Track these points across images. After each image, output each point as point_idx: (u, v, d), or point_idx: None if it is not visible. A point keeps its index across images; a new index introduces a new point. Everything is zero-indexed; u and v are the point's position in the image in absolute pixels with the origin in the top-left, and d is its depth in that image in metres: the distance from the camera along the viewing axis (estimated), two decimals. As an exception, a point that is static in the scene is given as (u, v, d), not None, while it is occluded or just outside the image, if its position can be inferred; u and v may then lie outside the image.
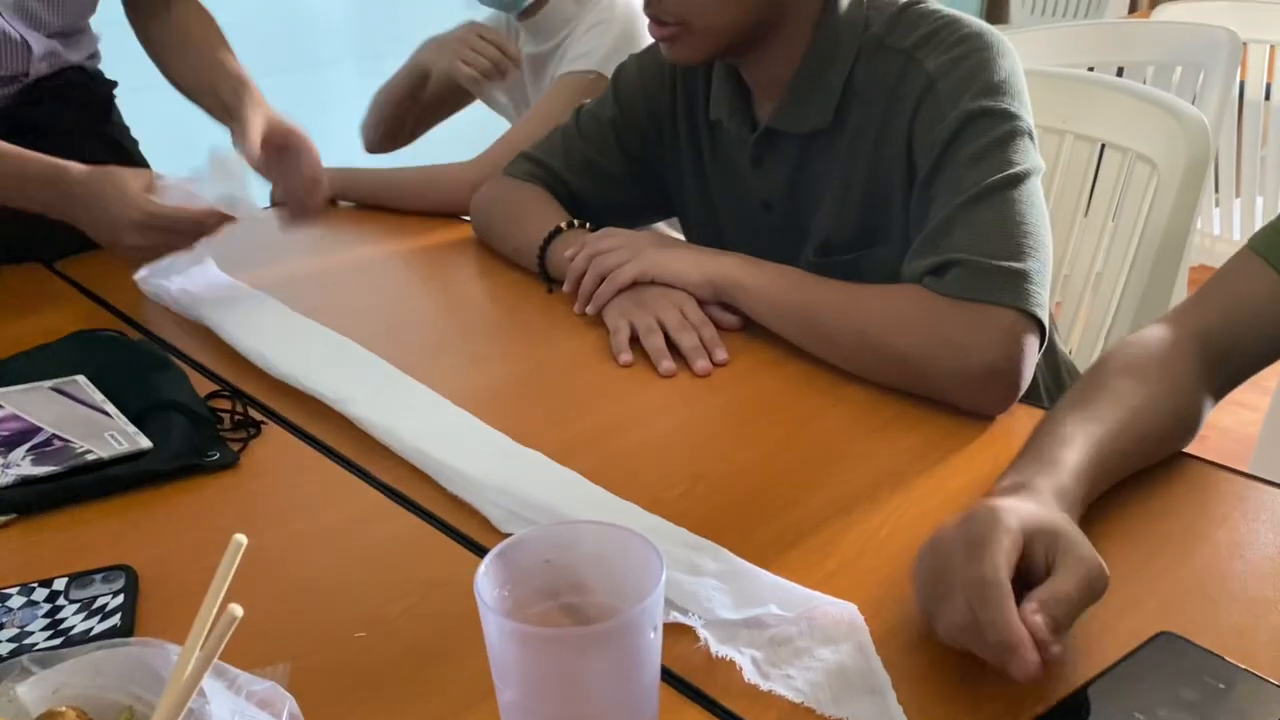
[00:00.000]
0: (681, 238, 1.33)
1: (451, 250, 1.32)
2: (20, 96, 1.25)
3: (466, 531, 0.74)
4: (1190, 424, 0.78)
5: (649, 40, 1.48)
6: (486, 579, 0.49)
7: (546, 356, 0.99)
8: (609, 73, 1.42)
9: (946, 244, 0.89)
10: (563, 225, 1.15)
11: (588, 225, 1.16)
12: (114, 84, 1.41)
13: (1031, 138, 0.93)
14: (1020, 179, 0.90)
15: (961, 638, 0.56)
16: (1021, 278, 0.86)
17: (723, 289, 1.00)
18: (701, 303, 1.01)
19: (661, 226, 1.53)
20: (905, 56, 0.96)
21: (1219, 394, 0.80)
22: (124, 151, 1.40)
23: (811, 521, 0.73)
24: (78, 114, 1.31)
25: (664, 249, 1.03)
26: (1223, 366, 0.79)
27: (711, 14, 0.97)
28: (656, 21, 1.00)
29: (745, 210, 1.14)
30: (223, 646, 0.42)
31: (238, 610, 0.41)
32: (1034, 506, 0.61)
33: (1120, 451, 0.71)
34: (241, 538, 0.43)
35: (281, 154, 1.12)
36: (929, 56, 0.95)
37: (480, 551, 0.72)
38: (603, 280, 1.03)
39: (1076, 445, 0.68)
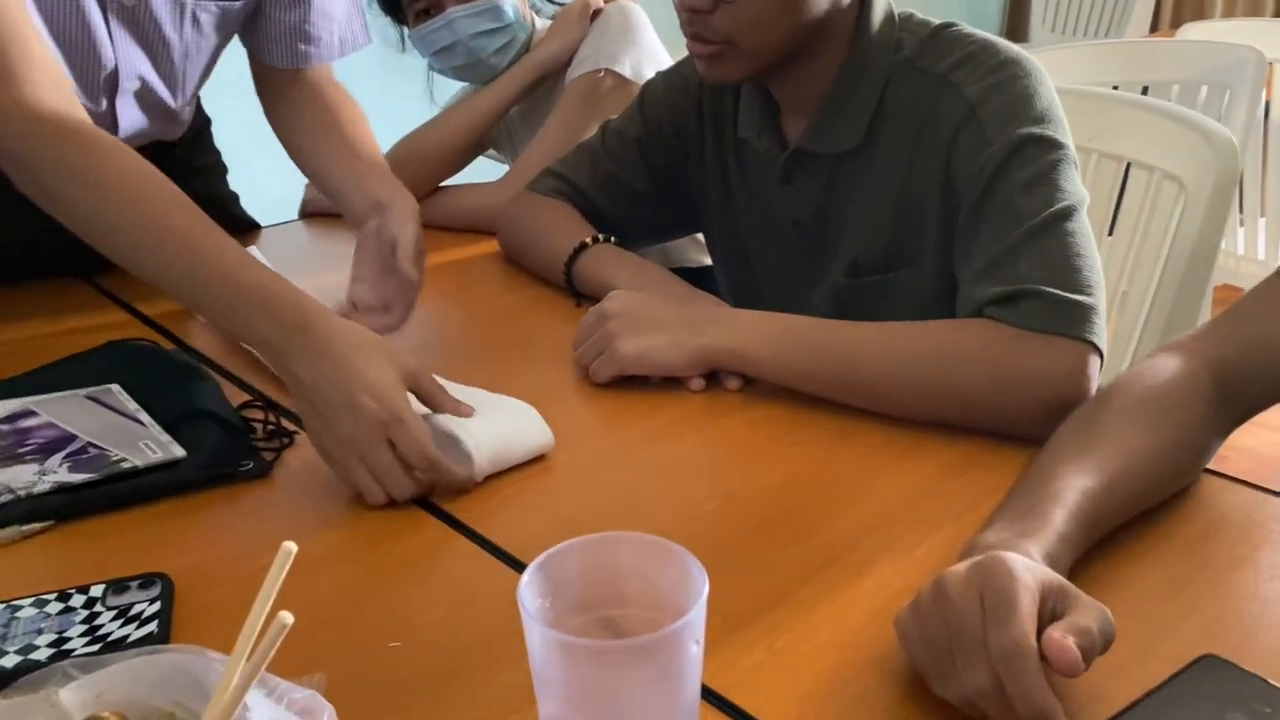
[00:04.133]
0: (708, 258, 1.33)
1: (479, 265, 1.32)
2: None
3: (499, 543, 0.74)
4: (1195, 465, 0.76)
5: (648, 28, 1.50)
6: (529, 589, 0.49)
7: (575, 370, 0.99)
8: (617, 67, 1.44)
9: (1013, 273, 0.87)
10: (588, 240, 1.16)
11: (613, 240, 1.17)
12: (203, 126, 1.40)
13: (1076, 166, 0.93)
14: (1075, 210, 0.90)
15: (984, 704, 0.54)
16: (1090, 312, 0.85)
17: (718, 364, 0.94)
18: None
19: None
20: (940, 80, 0.96)
21: (1230, 429, 0.77)
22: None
23: (845, 540, 0.73)
24: None
25: (635, 334, 0.94)
26: (1236, 401, 0.76)
27: (759, 33, 0.96)
28: (699, 40, 0.97)
29: (772, 228, 1.14)
30: (272, 654, 0.42)
31: (288, 617, 0.41)
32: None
33: (1114, 507, 0.69)
34: (291, 545, 0.43)
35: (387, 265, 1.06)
36: (966, 82, 0.95)
37: (512, 563, 0.72)
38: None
39: (1068, 504, 0.65)
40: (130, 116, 1.19)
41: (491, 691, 0.60)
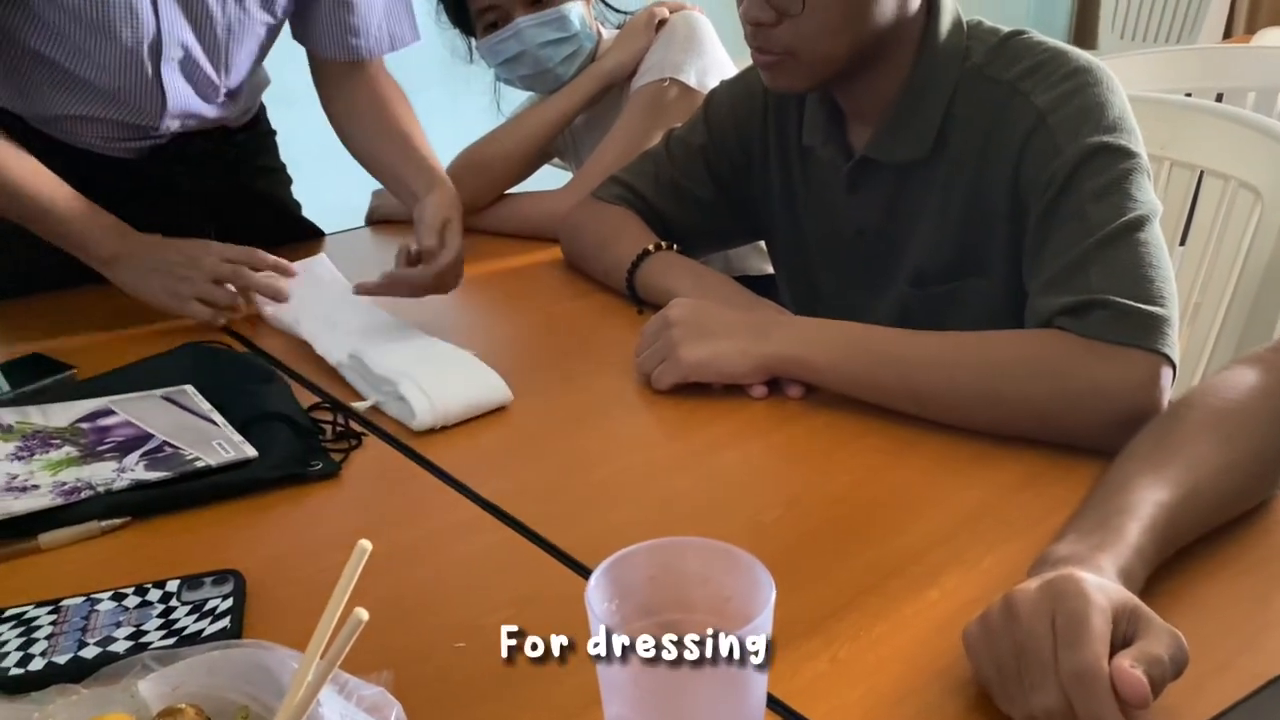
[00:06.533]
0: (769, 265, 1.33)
1: (542, 272, 1.33)
2: (151, 153, 1.29)
3: (563, 547, 0.75)
4: (1273, 480, 0.74)
5: (714, 39, 1.50)
6: (597, 592, 0.49)
7: (637, 377, 1.00)
8: (682, 76, 1.44)
9: (1084, 284, 0.86)
10: (650, 248, 1.16)
11: (675, 247, 1.17)
12: (268, 132, 1.46)
13: (1149, 176, 0.91)
14: (1148, 220, 0.88)
15: None
16: (1163, 322, 0.83)
17: (782, 371, 0.94)
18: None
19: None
20: (1009, 89, 0.95)
21: None
22: (266, 208, 1.45)
23: (910, 550, 0.72)
24: (200, 178, 1.34)
25: (698, 341, 0.95)
26: None
27: (823, 44, 0.95)
28: (761, 51, 0.98)
29: (837, 238, 1.13)
30: (347, 650, 0.42)
31: (363, 614, 0.42)
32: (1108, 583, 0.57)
33: (1189, 521, 0.67)
34: (366, 543, 0.44)
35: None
36: (1036, 90, 0.93)
37: (577, 567, 0.72)
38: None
39: (1143, 517, 0.64)
40: (178, 89, 1.22)
41: (556, 693, 0.60)
